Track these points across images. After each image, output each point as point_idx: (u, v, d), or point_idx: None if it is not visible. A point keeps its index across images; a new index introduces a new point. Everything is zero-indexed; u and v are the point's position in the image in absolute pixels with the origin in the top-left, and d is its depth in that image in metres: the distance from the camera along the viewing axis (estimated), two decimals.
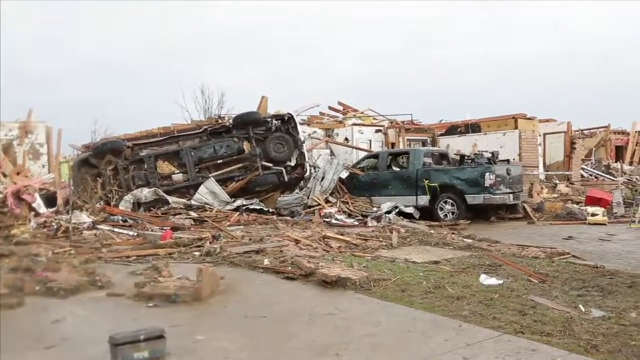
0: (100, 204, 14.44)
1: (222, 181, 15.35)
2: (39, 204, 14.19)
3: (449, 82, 64.51)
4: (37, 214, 13.65)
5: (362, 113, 25.33)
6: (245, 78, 59.14)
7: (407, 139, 21.74)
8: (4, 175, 18.06)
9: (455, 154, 17.53)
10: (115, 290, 6.75)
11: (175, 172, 15.48)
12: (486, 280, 6.95)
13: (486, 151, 16.10)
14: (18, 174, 18.34)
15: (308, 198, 15.23)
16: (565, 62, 69.96)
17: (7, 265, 8.07)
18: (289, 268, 7.52)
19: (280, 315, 5.69)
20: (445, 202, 14.57)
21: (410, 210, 14.69)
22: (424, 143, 22.07)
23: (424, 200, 14.85)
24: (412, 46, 68.82)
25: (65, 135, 21.82)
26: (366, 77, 61.78)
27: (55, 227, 12.08)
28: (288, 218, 14.05)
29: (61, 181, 16.63)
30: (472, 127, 22.02)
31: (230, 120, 16.40)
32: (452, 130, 22.87)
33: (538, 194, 17.27)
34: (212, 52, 63.56)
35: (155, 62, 64.36)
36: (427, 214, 14.69)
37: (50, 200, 14.85)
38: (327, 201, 15.14)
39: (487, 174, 14.13)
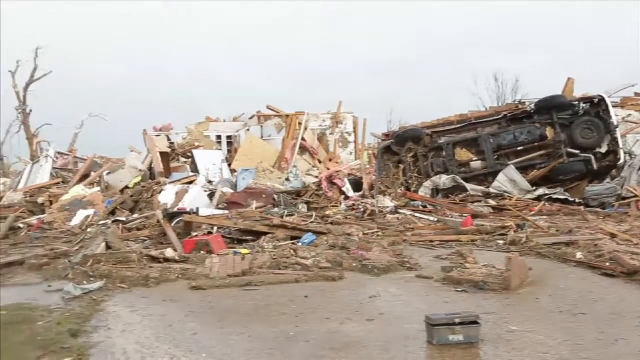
0: (401, 189, 15.13)
1: (522, 169, 14.74)
2: (347, 188, 15.56)
3: None
4: (347, 197, 14.96)
5: None
6: (537, 62, 55.83)
7: None
8: (319, 161, 20.27)
9: None
10: (423, 273, 6.99)
11: (473, 159, 15.37)
12: None
13: None
14: (330, 160, 20.42)
15: (622, 188, 13.67)
16: None
17: (326, 242, 9.01)
18: (607, 264, 6.84)
19: (602, 315, 5.18)
20: None
21: None
22: None
23: None
24: None
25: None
26: None
27: (362, 209, 13.04)
28: (598, 210, 12.78)
29: (366, 167, 17.92)
30: None
31: (532, 105, 15.59)
32: None
33: None
34: (502, 37, 61.47)
35: (444, 53, 65.11)
36: None
37: (356, 184, 16.15)
38: None
39: None
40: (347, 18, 68.12)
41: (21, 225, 12.59)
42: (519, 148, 15.04)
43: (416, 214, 12.36)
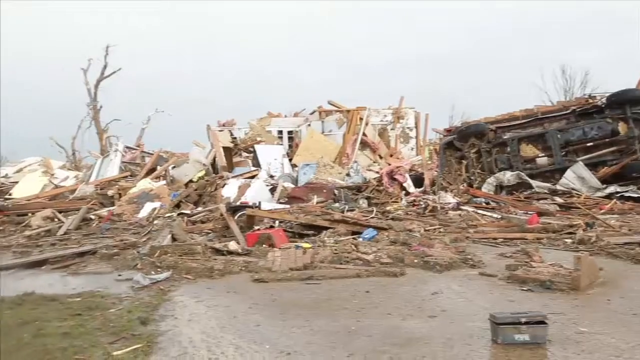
0: (463, 185, 14.89)
1: (592, 165, 14.24)
2: (408, 183, 15.44)
3: None
4: (408, 193, 14.85)
5: None
6: (611, 53, 53.42)
7: None
8: (380, 157, 20.18)
9: None
10: (486, 270, 6.85)
11: (539, 155, 14.97)
12: None
13: None
14: (391, 155, 20.29)
15: None
16: None
17: (387, 237, 8.95)
18: None
19: None
20: None
21: None
22: None
23: None
24: None
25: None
26: None
27: (423, 205, 12.91)
28: None
29: (427, 163, 17.71)
30: None
31: (604, 100, 15.01)
32: None
33: None
34: (572, 31, 59.33)
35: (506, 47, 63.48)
36: None
37: (418, 180, 15.99)
38: None
39: None
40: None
41: (92, 217, 13.15)
42: (588, 144, 14.56)
43: (479, 211, 12.15)
